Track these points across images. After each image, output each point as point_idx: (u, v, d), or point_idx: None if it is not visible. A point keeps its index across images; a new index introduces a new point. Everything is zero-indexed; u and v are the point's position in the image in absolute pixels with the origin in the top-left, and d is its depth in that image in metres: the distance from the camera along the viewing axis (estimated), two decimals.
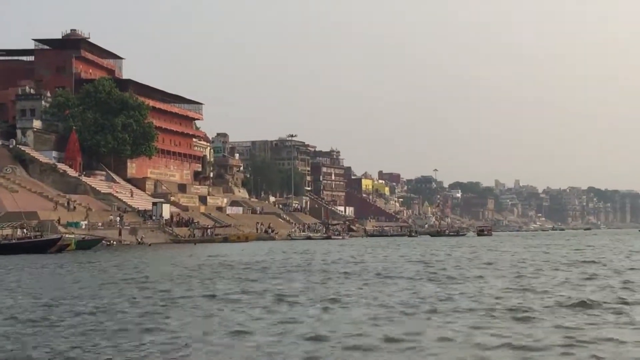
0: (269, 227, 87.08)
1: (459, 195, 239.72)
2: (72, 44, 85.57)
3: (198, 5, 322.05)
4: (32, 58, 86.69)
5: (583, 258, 33.06)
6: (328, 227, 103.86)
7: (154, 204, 71.70)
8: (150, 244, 57.20)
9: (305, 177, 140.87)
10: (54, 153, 76.21)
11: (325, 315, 13.61)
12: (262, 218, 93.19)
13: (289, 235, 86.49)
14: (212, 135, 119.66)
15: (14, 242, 44.31)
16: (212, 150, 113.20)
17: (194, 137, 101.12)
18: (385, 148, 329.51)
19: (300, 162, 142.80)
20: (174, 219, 71.67)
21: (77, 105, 78.05)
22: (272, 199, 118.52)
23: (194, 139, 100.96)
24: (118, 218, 63.59)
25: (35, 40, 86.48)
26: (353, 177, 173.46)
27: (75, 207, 64.24)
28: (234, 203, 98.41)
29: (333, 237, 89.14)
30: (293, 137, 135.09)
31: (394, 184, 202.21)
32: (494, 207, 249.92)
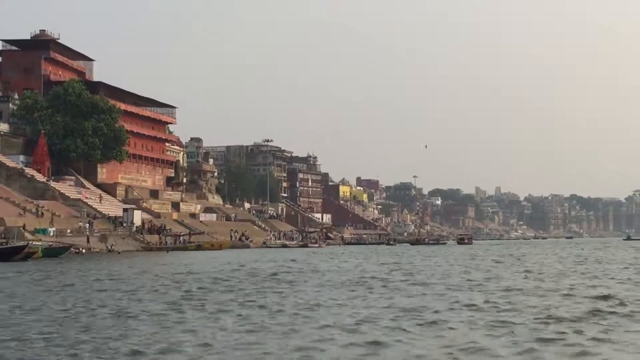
0: (244, 234, 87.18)
1: (439, 203, 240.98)
2: (41, 45, 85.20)
3: (171, 7, 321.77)
4: None
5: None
6: (305, 235, 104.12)
7: (125, 211, 71.49)
8: (121, 252, 57.08)
9: (282, 183, 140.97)
10: (22, 157, 75.72)
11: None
12: (236, 225, 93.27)
13: (264, 243, 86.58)
14: (185, 140, 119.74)
15: None
16: (185, 155, 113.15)
17: (167, 141, 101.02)
18: (364, 154, 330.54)
19: (276, 167, 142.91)
20: (146, 226, 71.55)
21: (45, 108, 77.76)
22: (247, 206, 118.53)
23: (167, 144, 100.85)
24: (87, 225, 63.35)
25: (3, 41, 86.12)
26: (330, 183, 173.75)
27: (44, 213, 63.94)
28: (208, 210, 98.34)
29: (310, 245, 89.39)
30: (269, 142, 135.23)
31: (373, 191, 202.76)
32: (475, 214, 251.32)
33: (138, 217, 71.21)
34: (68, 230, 60.58)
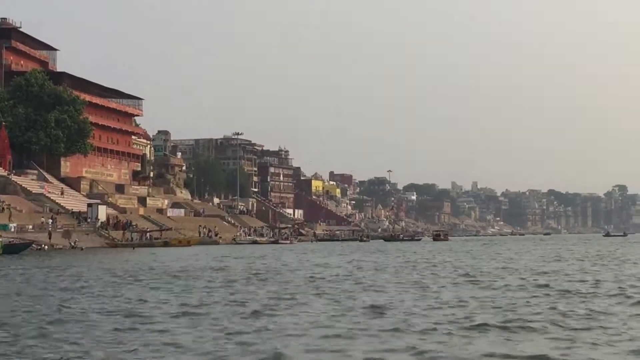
0: (213, 230, 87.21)
1: (414, 198, 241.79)
2: (1, 34, 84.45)
3: None
4: None
5: None
6: (276, 231, 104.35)
7: (89, 206, 71.31)
8: (84, 249, 56.87)
9: (252, 177, 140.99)
10: None
11: None
12: (205, 221, 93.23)
13: (234, 240, 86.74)
14: (152, 133, 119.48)
15: None
16: (152, 149, 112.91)
17: (133, 134, 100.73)
18: (337, 147, 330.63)
19: (247, 161, 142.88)
20: (111, 222, 71.33)
21: (6, 100, 77.25)
22: (216, 201, 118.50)
23: (133, 137, 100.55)
24: (50, 220, 63.08)
25: None
26: (303, 178, 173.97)
27: (4, 208, 63.58)
28: (176, 205, 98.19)
29: (281, 241, 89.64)
30: (239, 135, 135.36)
31: (346, 186, 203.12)
32: (451, 210, 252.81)
33: (103, 212, 71.01)
34: (30, 226, 60.35)
